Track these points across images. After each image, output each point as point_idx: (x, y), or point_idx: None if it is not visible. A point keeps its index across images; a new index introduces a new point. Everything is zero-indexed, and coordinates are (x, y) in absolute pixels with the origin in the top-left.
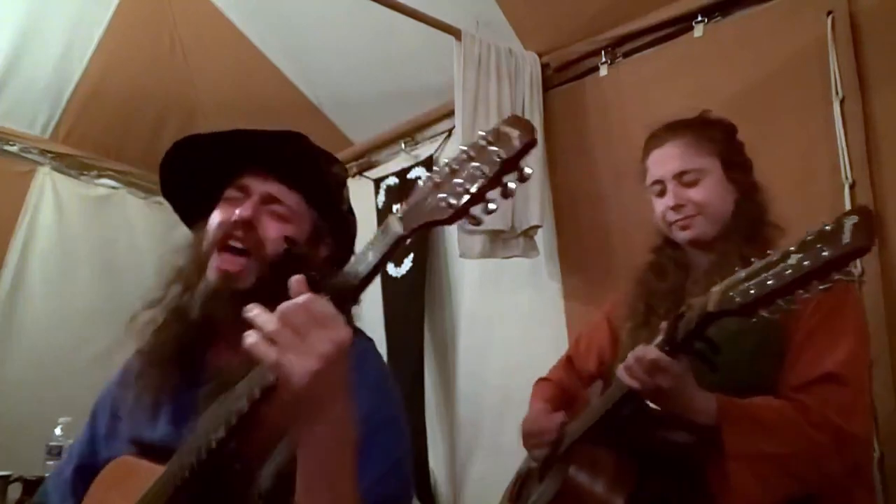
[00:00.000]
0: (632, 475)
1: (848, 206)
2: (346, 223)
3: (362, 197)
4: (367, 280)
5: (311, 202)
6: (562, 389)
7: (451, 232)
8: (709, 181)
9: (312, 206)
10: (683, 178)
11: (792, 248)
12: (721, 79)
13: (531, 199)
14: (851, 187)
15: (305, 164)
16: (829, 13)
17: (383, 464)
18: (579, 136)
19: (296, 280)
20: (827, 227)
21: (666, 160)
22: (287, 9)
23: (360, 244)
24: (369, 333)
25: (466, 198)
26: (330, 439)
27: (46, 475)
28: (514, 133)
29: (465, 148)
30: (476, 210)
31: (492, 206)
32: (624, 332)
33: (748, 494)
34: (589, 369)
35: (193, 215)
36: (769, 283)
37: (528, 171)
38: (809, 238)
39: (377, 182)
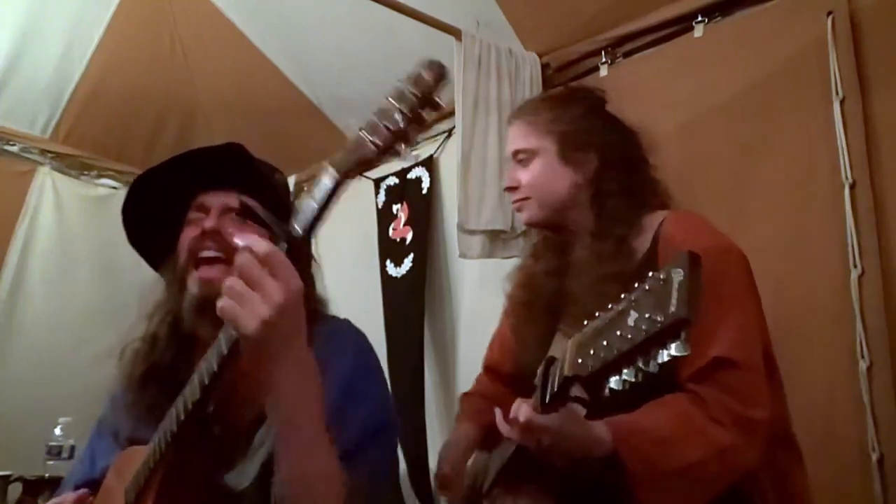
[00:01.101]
0: None
1: (848, 207)
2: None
3: (362, 197)
4: (311, 229)
5: (264, 206)
6: (486, 398)
7: (452, 232)
8: (537, 162)
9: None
10: (517, 158)
11: (631, 300)
12: (721, 79)
13: None
14: (851, 187)
15: (253, 171)
16: (829, 13)
17: (371, 402)
18: None
19: (249, 232)
20: (659, 281)
21: (510, 140)
22: (287, 9)
23: (361, 244)
24: (369, 333)
25: (390, 136)
26: (291, 383)
27: (46, 475)
28: (426, 72)
29: (390, 93)
30: (400, 146)
31: (412, 138)
32: (514, 326)
33: None
34: (506, 371)
35: (159, 257)
36: (615, 349)
37: (440, 102)
38: (644, 291)
39: (377, 182)
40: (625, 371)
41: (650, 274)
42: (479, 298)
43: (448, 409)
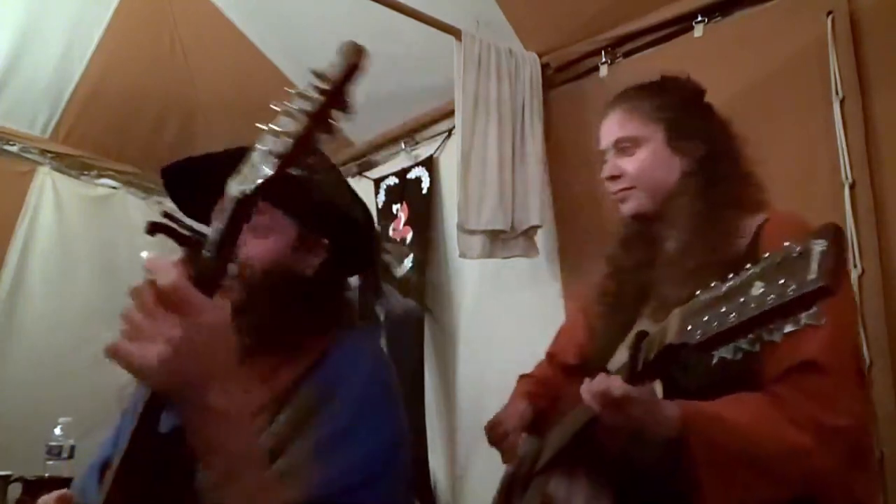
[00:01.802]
0: (609, 493)
1: (848, 207)
2: (340, 221)
3: (362, 197)
4: (220, 251)
5: (287, 211)
6: (544, 384)
7: (452, 232)
8: (644, 150)
9: (290, 215)
10: (619, 147)
11: (756, 272)
12: (721, 79)
13: (531, 199)
14: (851, 187)
15: (296, 186)
16: (829, 13)
17: (367, 446)
18: (579, 136)
19: (152, 261)
20: (795, 253)
21: (606, 129)
22: (287, 9)
23: None
24: None
25: (288, 143)
26: (214, 427)
27: (46, 475)
28: (339, 62)
29: (298, 87)
30: (306, 155)
31: (319, 146)
32: (595, 315)
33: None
34: (570, 362)
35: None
36: (731, 317)
37: (350, 104)
38: (775, 263)
39: (377, 182)
40: (740, 341)
41: (784, 245)
42: (479, 298)
43: (448, 409)
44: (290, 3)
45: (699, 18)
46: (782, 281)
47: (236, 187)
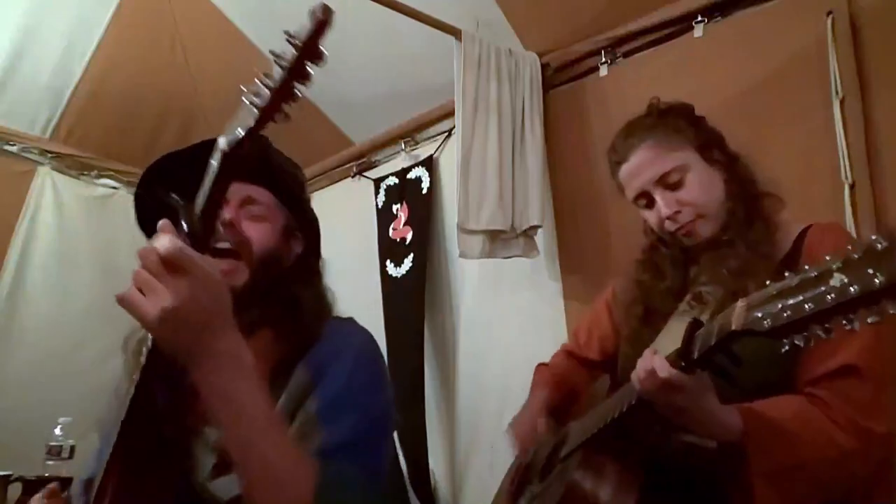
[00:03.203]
0: (636, 486)
1: (848, 207)
2: (312, 221)
3: (362, 197)
4: (208, 207)
5: (282, 200)
6: (562, 376)
7: (452, 232)
8: (693, 175)
9: (283, 204)
10: (667, 181)
11: (834, 266)
12: (721, 79)
13: (531, 199)
14: (851, 187)
15: (274, 164)
16: (829, 13)
17: (358, 412)
18: (579, 136)
19: (162, 224)
20: (879, 245)
21: (640, 170)
22: (287, 9)
23: (361, 244)
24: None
25: (267, 94)
26: (220, 370)
27: (46, 475)
28: (310, 19)
29: (272, 50)
30: (285, 104)
31: (298, 94)
32: (622, 336)
33: None
34: (591, 357)
35: None
36: (807, 307)
37: (325, 53)
38: (856, 256)
39: (377, 182)
40: (815, 328)
41: (872, 237)
42: (479, 298)
43: (448, 408)
44: (290, 4)
45: (699, 18)
46: (869, 271)
47: (223, 141)
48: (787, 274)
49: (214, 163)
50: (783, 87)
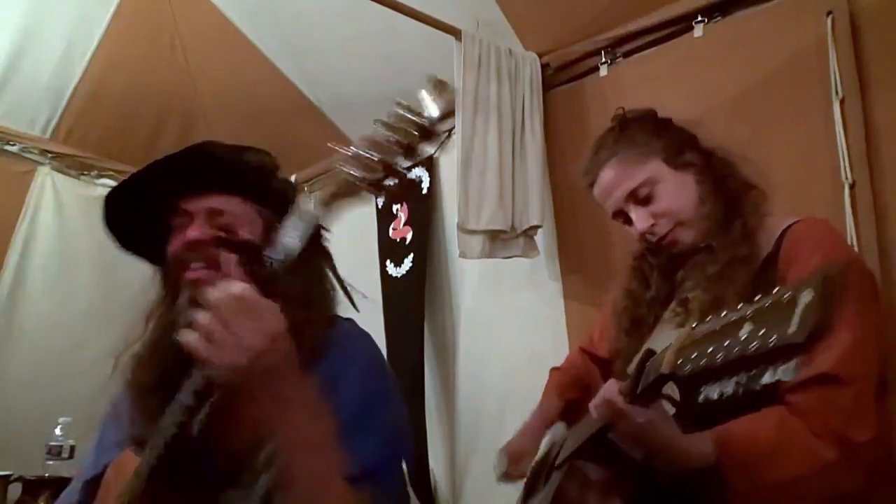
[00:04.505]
0: (623, 496)
1: (848, 207)
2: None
3: (362, 197)
4: (294, 264)
5: (252, 200)
6: (575, 376)
7: (452, 232)
8: (662, 186)
9: (257, 204)
10: (637, 196)
11: (747, 313)
12: (721, 79)
13: (531, 199)
14: (851, 187)
15: (226, 165)
16: (829, 13)
17: (377, 435)
18: (579, 136)
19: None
20: (784, 298)
21: (610, 190)
22: (287, 9)
23: (361, 244)
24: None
25: (376, 166)
26: (285, 425)
27: (46, 475)
28: (425, 96)
29: (379, 122)
30: (386, 181)
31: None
32: (616, 347)
33: None
34: (601, 355)
35: (156, 253)
36: (718, 356)
37: (437, 130)
38: (766, 306)
39: None
40: (724, 382)
41: (777, 289)
42: (479, 298)
43: (448, 409)
44: (290, 3)
45: (699, 18)
46: (765, 329)
47: (314, 213)
48: (708, 319)
49: (308, 228)
50: (783, 87)
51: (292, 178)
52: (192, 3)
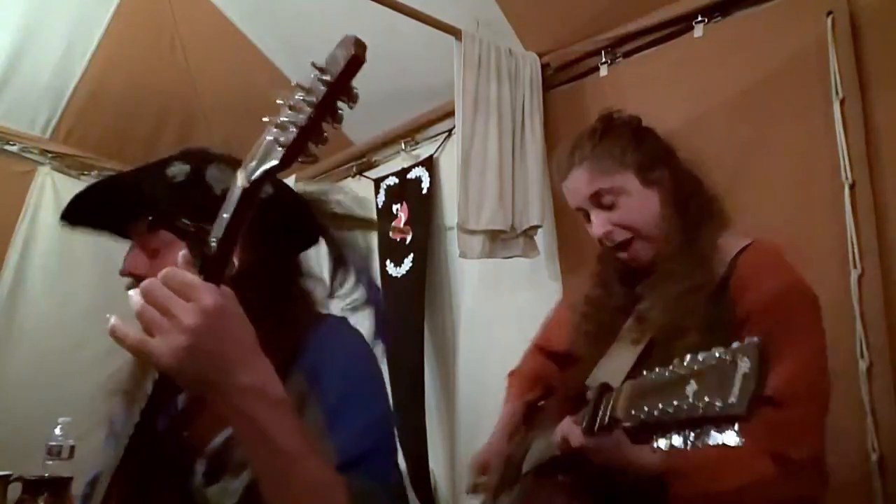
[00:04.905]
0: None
1: (848, 207)
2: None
3: (362, 197)
4: (224, 242)
5: (164, 223)
6: (533, 378)
7: (452, 232)
8: (627, 198)
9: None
10: (601, 202)
11: (694, 368)
12: (721, 79)
13: (531, 199)
14: (851, 187)
15: (123, 197)
16: (829, 13)
17: (362, 419)
18: None
19: (181, 256)
20: (727, 361)
21: (578, 187)
22: (287, 8)
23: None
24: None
25: (294, 133)
26: (247, 406)
27: (46, 475)
28: (340, 53)
29: (300, 82)
30: (312, 146)
31: (325, 135)
32: (575, 351)
33: None
34: (561, 350)
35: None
36: (667, 413)
37: (356, 91)
38: (710, 364)
39: (377, 182)
40: (673, 435)
41: (717, 353)
42: (479, 298)
43: (448, 409)
44: (290, 3)
45: (699, 19)
46: (708, 393)
47: (242, 177)
48: (656, 370)
49: (234, 197)
50: (783, 87)
51: (291, 179)
52: (192, 3)
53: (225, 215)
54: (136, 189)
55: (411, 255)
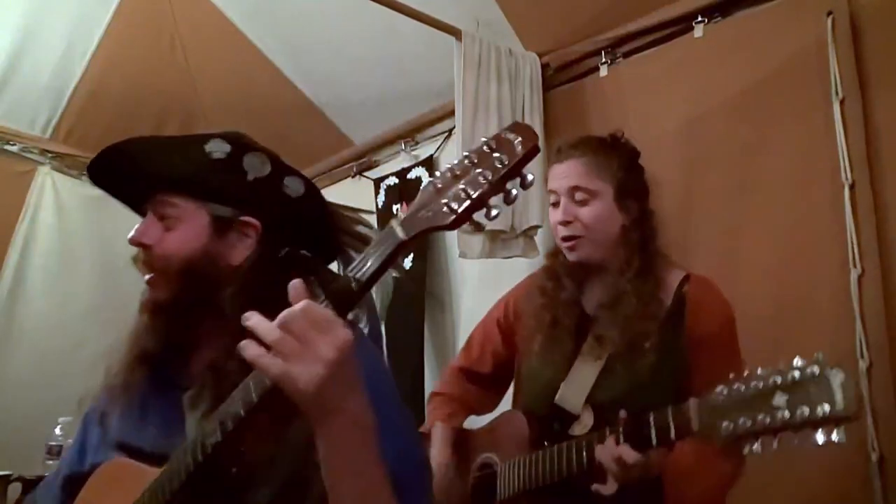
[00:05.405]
0: None
1: (848, 207)
2: (272, 205)
3: (362, 197)
4: (367, 286)
5: (193, 193)
6: (459, 402)
7: (452, 232)
8: (598, 204)
9: (200, 199)
10: (576, 196)
11: (777, 382)
12: (721, 79)
13: (531, 199)
14: (851, 188)
15: (159, 159)
16: (829, 13)
17: (398, 444)
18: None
19: (294, 285)
20: (812, 372)
21: (564, 175)
22: (287, 9)
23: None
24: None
25: (467, 203)
26: (349, 433)
27: (46, 475)
28: (517, 139)
29: (468, 153)
30: (478, 215)
31: (494, 211)
32: (534, 344)
33: None
34: (483, 371)
35: None
36: (762, 422)
37: (530, 177)
38: (793, 378)
39: (377, 182)
40: (768, 441)
41: (797, 364)
42: (479, 298)
43: None
44: (290, 3)
45: (699, 19)
46: (806, 404)
47: (400, 230)
48: (720, 390)
49: (388, 245)
50: (783, 87)
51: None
52: (192, 3)
53: (372, 260)
54: (169, 156)
55: (411, 255)
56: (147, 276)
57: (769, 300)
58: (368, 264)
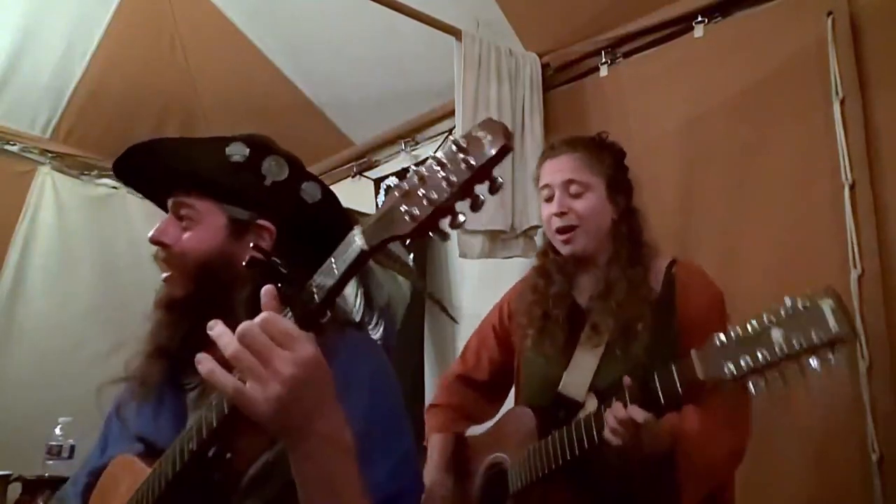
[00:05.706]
0: None
1: (848, 207)
2: (285, 207)
3: (362, 197)
4: (331, 294)
5: (211, 194)
6: (458, 412)
7: (452, 232)
8: (591, 196)
9: (217, 199)
10: (570, 189)
11: (770, 320)
12: (721, 79)
13: (531, 199)
14: (851, 188)
15: (180, 160)
16: (829, 13)
17: (391, 458)
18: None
19: (265, 292)
20: (803, 305)
21: (558, 169)
22: (287, 9)
23: None
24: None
25: (430, 210)
26: (321, 454)
27: (46, 475)
28: (487, 138)
29: (435, 154)
30: (444, 223)
31: (461, 217)
32: (527, 340)
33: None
34: (481, 378)
35: None
36: (764, 358)
37: (500, 180)
38: (788, 314)
39: (377, 182)
40: (770, 375)
41: (788, 300)
42: (479, 298)
43: None
44: (290, 3)
45: (699, 19)
46: (802, 333)
47: (361, 238)
48: (730, 330)
49: (349, 254)
50: (783, 87)
51: None
52: (192, 3)
53: (335, 270)
54: (189, 157)
55: (411, 255)
56: (164, 274)
57: (769, 300)
58: (331, 274)
